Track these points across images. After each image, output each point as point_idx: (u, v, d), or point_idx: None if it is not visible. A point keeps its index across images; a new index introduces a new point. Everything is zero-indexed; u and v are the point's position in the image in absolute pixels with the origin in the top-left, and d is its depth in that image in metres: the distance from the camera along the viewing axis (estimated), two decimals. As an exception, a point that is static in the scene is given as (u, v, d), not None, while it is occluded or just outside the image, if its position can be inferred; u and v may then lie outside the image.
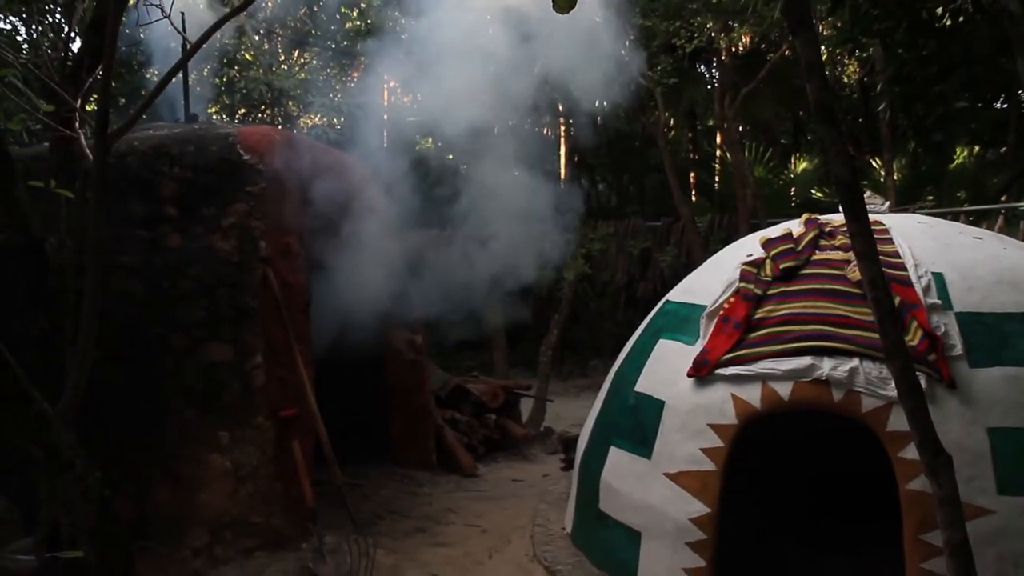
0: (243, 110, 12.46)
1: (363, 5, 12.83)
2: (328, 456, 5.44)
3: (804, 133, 16.36)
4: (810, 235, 4.85)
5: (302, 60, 13.76)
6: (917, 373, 2.23)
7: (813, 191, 13.88)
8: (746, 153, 13.51)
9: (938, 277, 4.17)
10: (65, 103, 2.78)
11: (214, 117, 11.48)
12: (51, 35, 7.03)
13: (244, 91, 11.41)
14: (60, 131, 2.70)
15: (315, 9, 13.23)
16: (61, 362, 3.41)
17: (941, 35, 6.53)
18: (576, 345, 13.44)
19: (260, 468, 5.05)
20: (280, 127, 12.01)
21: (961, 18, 6.24)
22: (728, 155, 13.28)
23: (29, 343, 3.44)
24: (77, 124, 2.93)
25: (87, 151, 2.33)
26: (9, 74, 3.33)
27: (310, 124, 12.84)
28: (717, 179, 15.57)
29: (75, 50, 3.93)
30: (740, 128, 14.77)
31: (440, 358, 10.35)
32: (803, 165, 14.41)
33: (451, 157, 12.57)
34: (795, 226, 5.12)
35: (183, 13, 5.67)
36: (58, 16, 6.38)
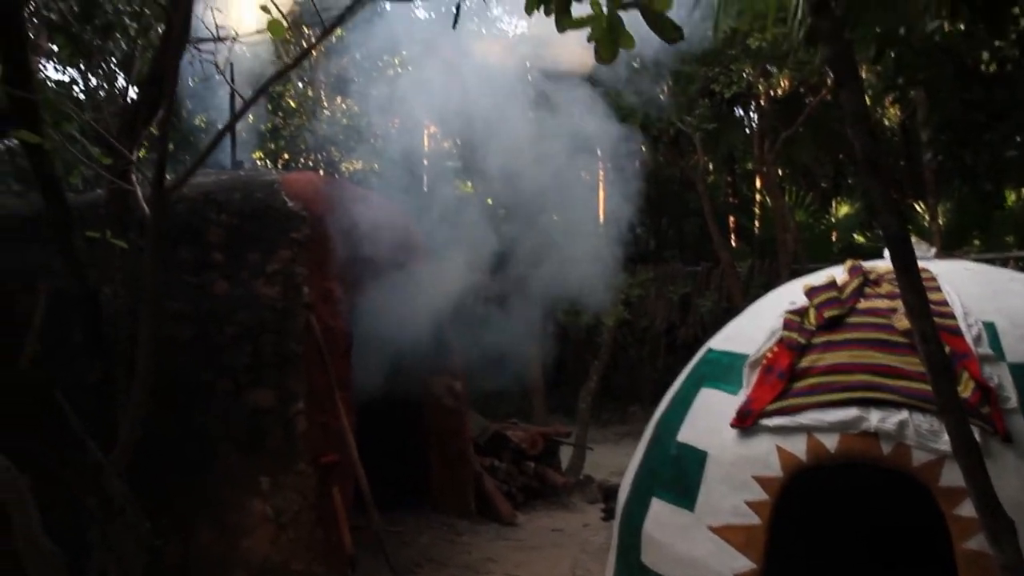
0: (286, 156, 12.72)
1: (404, 53, 13.10)
2: (368, 502, 5.43)
3: (844, 176, 16.22)
4: (854, 283, 4.77)
5: (344, 106, 14.05)
6: (971, 427, 2.18)
7: (855, 235, 13.72)
8: (786, 197, 13.43)
9: (989, 327, 4.07)
10: (121, 156, 2.88)
11: (258, 163, 11.75)
12: (107, 86, 7.28)
13: (288, 137, 11.67)
14: (117, 184, 2.78)
15: (357, 57, 13.54)
16: (114, 410, 3.46)
17: (988, 82, 6.46)
18: (615, 391, 13.33)
19: (301, 514, 5.06)
20: (323, 172, 12.24)
21: (1008, 65, 6.16)
22: (768, 199, 13.21)
23: (85, 390, 3.50)
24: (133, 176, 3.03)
25: (143, 203, 2.40)
26: (70, 128, 3.45)
27: (352, 169, 13.06)
28: (757, 223, 15.46)
29: (131, 100, 4.06)
30: (780, 172, 14.70)
31: (478, 403, 10.33)
32: (845, 209, 14.27)
33: (489, 202, 12.70)
34: (839, 273, 5.05)
35: (231, 63, 5.85)
36: (115, 67, 6.60)
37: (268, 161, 12.10)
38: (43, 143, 2.85)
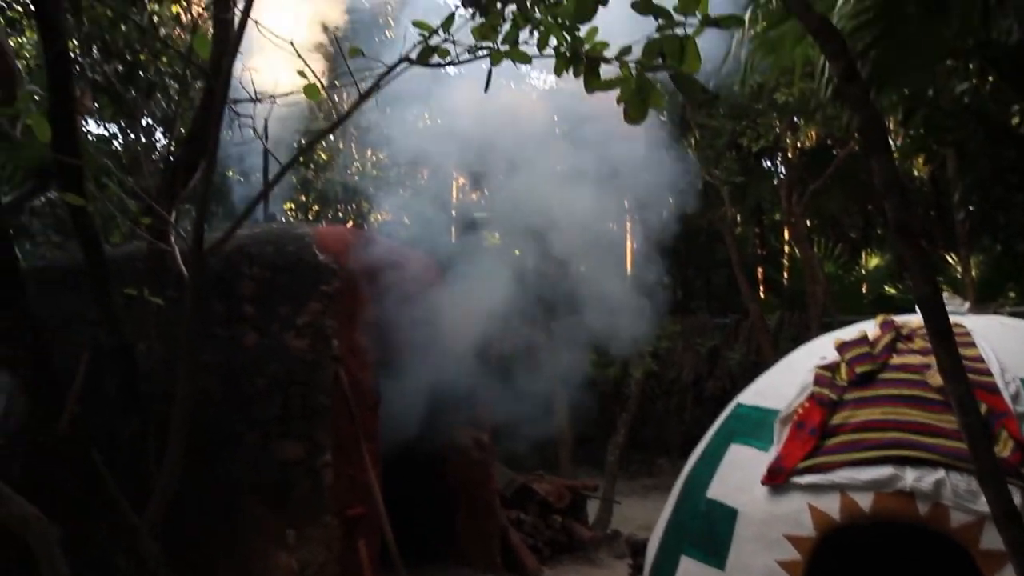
0: (317, 207, 12.93)
1: (434, 105, 13.32)
2: (393, 555, 5.39)
3: (874, 227, 16.11)
4: (887, 338, 4.72)
5: (374, 157, 14.28)
6: (1011, 490, 2.13)
7: (886, 287, 13.57)
8: (815, 248, 13.35)
9: (1027, 383, 4.00)
10: (160, 216, 2.95)
11: (289, 214, 11.95)
12: (145, 139, 7.49)
13: (319, 190, 11.87)
14: (156, 244, 2.86)
15: (387, 111, 13.81)
16: (146, 463, 3.49)
17: (1019, 143, 6.41)
18: (643, 444, 13.17)
19: (326, 567, 5.03)
20: (352, 223, 12.42)
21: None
22: (797, 251, 13.14)
23: (118, 444, 3.54)
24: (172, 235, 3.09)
25: (180, 264, 2.46)
26: (112, 194, 3.55)
27: (381, 219, 13.22)
28: (786, 275, 15.36)
29: (171, 160, 4.17)
30: (808, 223, 14.65)
31: (504, 455, 10.26)
32: (875, 261, 14.14)
33: (517, 253, 12.77)
34: (870, 328, 4.99)
35: (266, 119, 6.00)
36: (155, 125, 6.81)
37: (299, 213, 12.30)
38: (86, 205, 2.94)
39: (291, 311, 5.40)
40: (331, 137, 12.45)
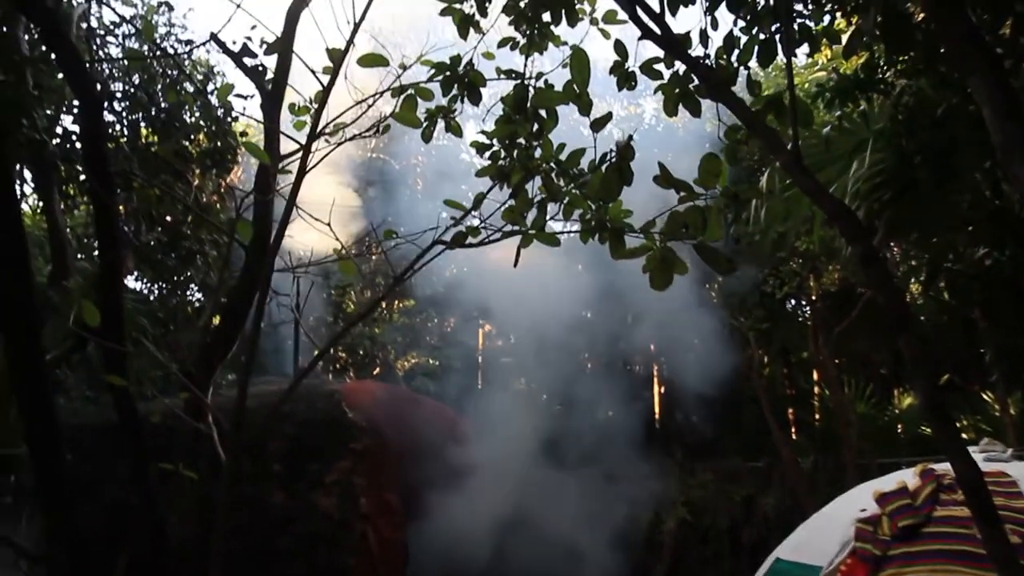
0: (344, 355, 13.06)
1: (458, 261, 13.68)
2: None
3: (903, 364, 15.88)
4: (928, 489, 4.58)
5: (401, 306, 14.53)
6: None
7: (922, 428, 13.23)
8: (845, 389, 13.16)
9: (1080, 537, 3.83)
10: (196, 393, 3.02)
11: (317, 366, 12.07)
12: (178, 293, 7.71)
13: (348, 342, 12.03)
14: (193, 423, 2.91)
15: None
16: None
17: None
18: (679, 596, 12.59)
19: None
20: (378, 371, 12.50)
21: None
22: (827, 392, 12.96)
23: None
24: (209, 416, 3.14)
25: (219, 446, 2.49)
26: (149, 365, 3.66)
27: (407, 366, 13.32)
28: (817, 416, 15.07)
29: (209, 334, 4.29)
30: (836, 362, 14.50)
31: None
32: (908, 400, 13.87)
33: (544, 398, 12.72)
34: (910, 478, 4.85)
35: (298, 280, 6.18)
36: (193, 289, 7.03)
37: (328, 365, 12.42)
38: (129, 385, 3.03)
39: (319, 469, 5.38)
40: (363, 291, 12.74)
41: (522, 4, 4.23)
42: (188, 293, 7.19)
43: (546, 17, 4.21)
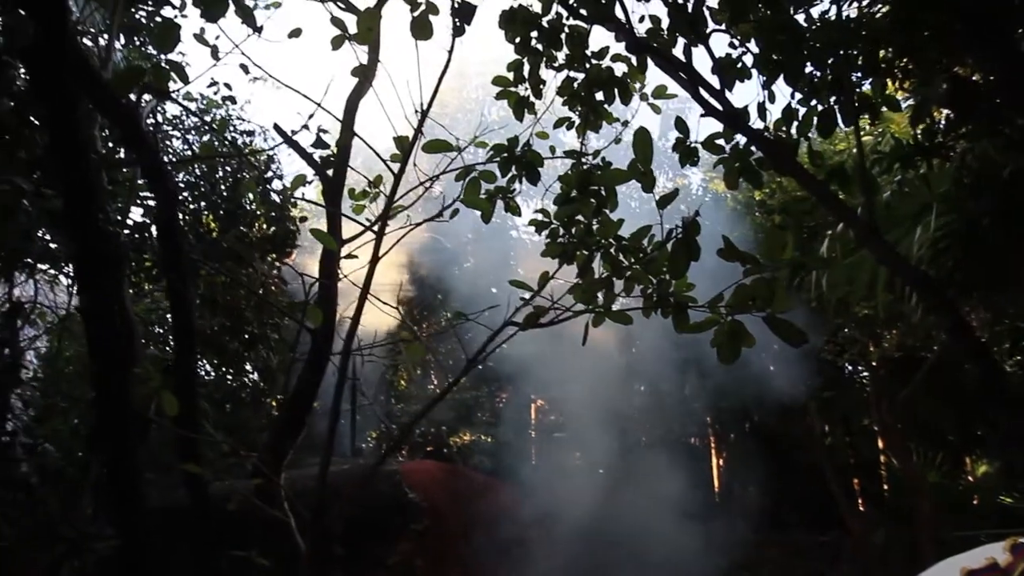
0: (397, 430, 13.03)
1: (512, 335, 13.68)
2: None
3: (974, 428, 15.27)
4: (1021, 566, 4.35)
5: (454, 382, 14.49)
6: None
7: (1002, 498, 12.63)
8: (913, 457, 12.68)
9: None
10: (270, 477, 3.03)
11: (372, 443, 12.05)
12: (245, 386, 7.79)
13: (401, 420, 12.04)
14: (269, 511, 2.91)
15: (468, 336, 14.22)
16: None
17: None
18: None
19: None
20: (431, 448, 12.42)
21: None
22: (894, 461, 12.51)
23: None
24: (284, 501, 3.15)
25: (298, 537, 2.49)
26: (211, 449, 3.68)
27: (461, 441, 13.22)
28: (886, 487, 14.50)
29: (277, 417, 4.32)
30: (901, 427, 14.02)
31: None
32: (983, 468, 13.30)
33: (601, 471, 12.47)
34: (999, 553, 4.61)
35: (362, 361, 6.23)
36: (255, 373, 7.11)
37: (382, 443, 12.40)
38: (202, 472, 3.06)
39: (381, 551, 5.31)
40: (415, 369, 12.78)
41: (575, 85, 4.33)
42: (245, 376, 7.29)
43: (599, 96, 4.30)
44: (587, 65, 4.18)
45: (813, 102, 3.14)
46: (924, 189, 4.25)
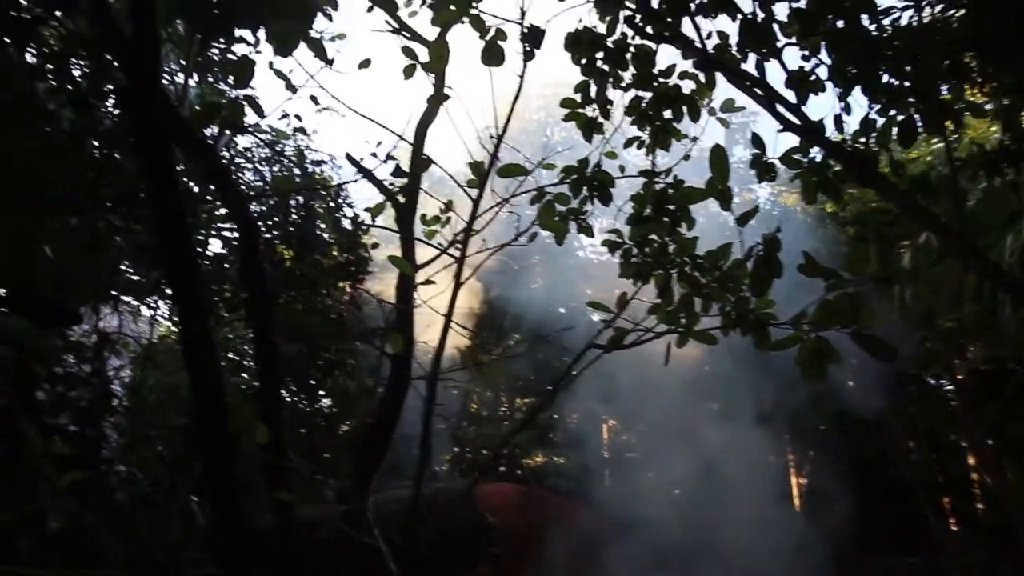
0: (471, 455, 13.07)
1: (569, 352, 13.61)
2: None
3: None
4: None
5: (523, 404, 14.49)
6: None
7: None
8: (1008, 474, 12.12)
9: None
10: (356, 503, 3.08)
11: (446, 466, 12.12)
12: (312, 405, 7.94)
13: (474, 443, 12.08)
14: (358, 536, 2.96)
15: (539, 357, 14.19)
16: None
17: None
18: None
19: None
20: (505, 470, 12.40)
21: None
22: (987, 478, 11.99)
23: None
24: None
25: (389, 558, 2.52)
26: (303, 477, 3.74)
27: (534, 463, 13.17)
28: (980, 505, 13.88)
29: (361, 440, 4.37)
30: (991, 442, 13.41)
31: None
32: (1081, 485, 12.62)
33: (676, 492, 12.27)
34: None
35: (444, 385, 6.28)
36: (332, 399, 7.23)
37: (456, 465, 12.45)
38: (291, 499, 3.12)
39: (459, 573, 5.32)
40: (487, 391, 12.79)
41: (643, 104, 4.31)
42: (318, 401, 7.43)
43: (667, 114, 4.27)
44: (654, 84, 4.15)
45: (892, 111, 3.07)
46: (1012, 197, 4.10)
